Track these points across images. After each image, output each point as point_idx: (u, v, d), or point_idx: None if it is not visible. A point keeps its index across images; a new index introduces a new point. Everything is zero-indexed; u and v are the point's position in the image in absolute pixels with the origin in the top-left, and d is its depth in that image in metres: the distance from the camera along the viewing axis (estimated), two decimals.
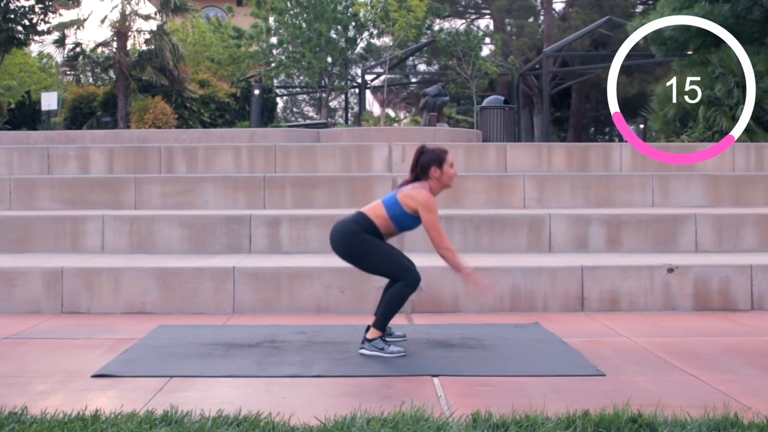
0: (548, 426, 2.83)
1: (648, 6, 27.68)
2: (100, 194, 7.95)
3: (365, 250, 4.23)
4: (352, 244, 4.24)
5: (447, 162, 4.32)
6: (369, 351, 4.18)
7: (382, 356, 4.12)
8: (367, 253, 4.24)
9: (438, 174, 4.29)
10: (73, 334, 4.81)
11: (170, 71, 20.09)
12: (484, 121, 16.56)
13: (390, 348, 4.17)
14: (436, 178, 4.30)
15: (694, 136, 12.61)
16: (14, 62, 28.01)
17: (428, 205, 4.19)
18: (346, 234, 4.25)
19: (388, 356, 4.11)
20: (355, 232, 4.23)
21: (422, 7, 20.15)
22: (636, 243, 6.72)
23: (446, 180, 4.33)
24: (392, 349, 4.17)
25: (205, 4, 31.47)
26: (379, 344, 4.18)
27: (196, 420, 2.93)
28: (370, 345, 4.20)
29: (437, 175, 4.29)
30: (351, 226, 4.26)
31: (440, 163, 4.29)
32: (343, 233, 4.27)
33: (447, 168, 4.31)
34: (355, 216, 4.33)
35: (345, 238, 4.25)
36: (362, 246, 4.23)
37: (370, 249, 4.23)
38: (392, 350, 4.16)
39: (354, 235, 4.23)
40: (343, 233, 4.27)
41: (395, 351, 4.16)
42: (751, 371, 3.85)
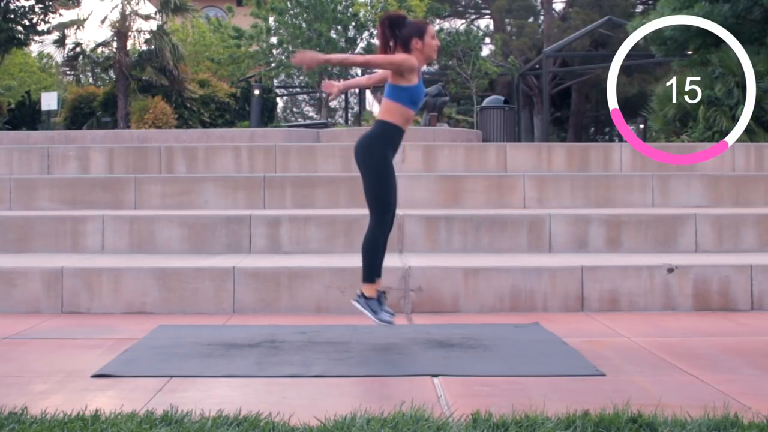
0: (548, 426, 2.83)
1: (648, 6, 27.70)
2: (100, 194, 7.95)
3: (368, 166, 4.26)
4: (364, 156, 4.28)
5: (428, 33, 4.26)
6: (362, 307, 4.25)
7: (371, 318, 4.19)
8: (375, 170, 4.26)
9: (420, 45, 4.23)
10: (73, 334, 4.81)
11: (170, 71, 20.11)
12: (484, 121, 16.57)
13: (382, 315, 4.23)
14: (419, 49, 4.23)
15: (694, 136, 12.61)
16: (14, 62, 28.03)
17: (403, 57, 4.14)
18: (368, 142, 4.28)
19: (376, 322, 4.16)
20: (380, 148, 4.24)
21: (422, 7, 20.17)
22: (636, 243, 6.72)
23: (429, 51, 4.27)
24: (383, 316, 4.23)
25: (205, 4, 31.48)
26: (373, 305, 4.23)
27: (196, 420, 2.93)
28: (365, 302, 4.25)
29: (419, 47, 4.23)
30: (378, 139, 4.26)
31: (421, 34, 4.23)
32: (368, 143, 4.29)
33: (429, 39, 4.25)
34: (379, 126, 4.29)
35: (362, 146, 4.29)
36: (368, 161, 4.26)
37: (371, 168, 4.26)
38: (383, 318, 4.22)
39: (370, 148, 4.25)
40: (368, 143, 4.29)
41: (386, 319, 4.22)
42: (751, 371, 3.85)
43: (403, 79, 4.20)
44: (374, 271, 4.32)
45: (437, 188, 8.05)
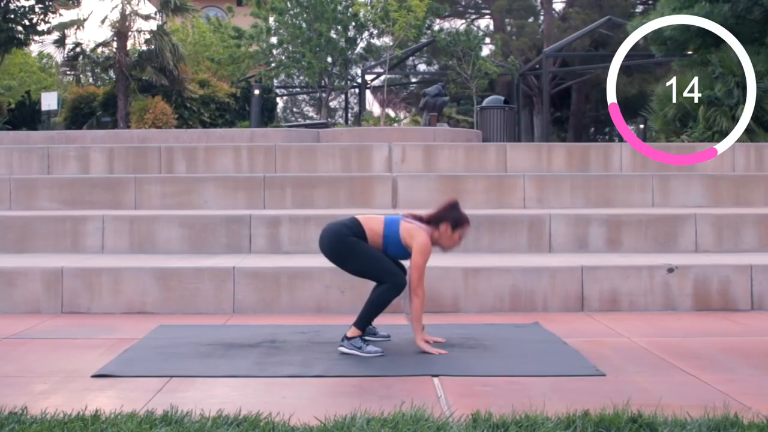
0: (548, 426, 2.83)
1: (648, 6, 27.70)
2: (100, 194, 7.95)
3: (352, 251, 4.26)
4: (339, 246, 4.27)
5: (461, 230, 4.34)
6: (347, 349, 4.21)
7: (359, 355, 4.14)
8: (353, 255, 4.27)
9: (447, 232, 4.31)
10: (73, 334, 4.81)
11: (170, 71, 20.10)
12: (484, 121, 16.56)
13: (368, 348, 4.20)
14: (442, 232, 4.31)
15: (694, 136, 12.61)
16: (14, 62, 28.03)
17: (423, 250, 4.22)
18: (335, 235, 4.29)
19: (365, 356, 4.13)
20: (344, 234, 4.27)
21: (422, 7, 20.15)
22: (636, 243, 6.72)
23: (446, 241, 4.34)
24: (370, 348, 4.19)
25: (205, 4, 31.48)
26: (357, 343, 4.21)
27: (196, 420, 2.93)
28: (349, 343, 4.22)
29: (444, 231, 4.31)
30: (341, 229, 4.30)
31: (455, 226, 4.32)
32: (331, 234, 4.31)
33: (455, 234, 4.33)
34: (348, 221, 4.36)
35: (332, 239, 4.29)
36: (349, 247, 4.26)
37: (357, 251, 4.26)
38: (370, 350, 4.18)
39: (343, 237, 4.27)
40: (331, 234, 4.31)
41: (373, 351, 4.17)
42: (751, 371, 3.85)
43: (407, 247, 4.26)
44: (369, 322, 4.33)
45: (437, 188, 8.05)
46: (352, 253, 4.27)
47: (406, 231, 4.28)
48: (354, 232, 4.28)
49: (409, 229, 4.28)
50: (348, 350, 4.20)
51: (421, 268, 4.22)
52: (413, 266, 4.22)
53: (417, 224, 4.33)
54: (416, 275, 4.20)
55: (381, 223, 4.33)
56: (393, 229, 4.30)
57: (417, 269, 4.20)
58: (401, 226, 4.30)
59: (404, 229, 4.29)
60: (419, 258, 4.21)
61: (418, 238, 4.24)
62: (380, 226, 4.32)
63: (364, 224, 4.31)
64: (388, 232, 4.30)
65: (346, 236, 4.26)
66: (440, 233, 4.32)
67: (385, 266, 4.27)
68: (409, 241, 4.25)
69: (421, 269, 4.22)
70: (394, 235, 4.29)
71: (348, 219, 4.39)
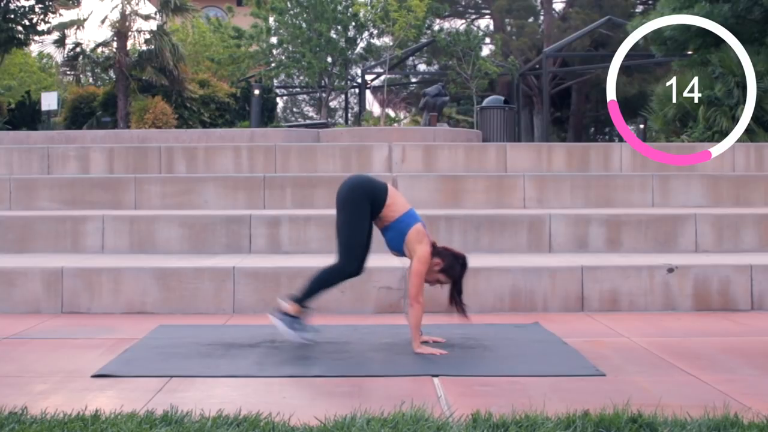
0: (548, 426, 2.83)
1: (648, 6, 27.70)
2: (100, 194, 7.95)
3: (353, 206, 4.24)
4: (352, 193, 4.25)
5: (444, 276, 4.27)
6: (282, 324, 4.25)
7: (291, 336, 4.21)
8: (350, 209, 4.24)
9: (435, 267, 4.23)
10: (73, 334, 4.81)
11: (170, 71, 20.10)
12: (484, 121, 16.56)
13: (305, 334, 4.24)
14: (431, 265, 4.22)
15: (694, 136, 12.61)
16: (14, 62, 28.04)
17: (424, 258, 4.19)
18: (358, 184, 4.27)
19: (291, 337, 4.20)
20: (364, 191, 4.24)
21: (422, 7, 20.15)
22: (636, 243, 6.72)
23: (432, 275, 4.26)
24: (306, 335, 4.24)
25: (205, 4, 31.48)
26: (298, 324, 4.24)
27: (196, 420, 2.93)
28: (289, 319, 4.24)
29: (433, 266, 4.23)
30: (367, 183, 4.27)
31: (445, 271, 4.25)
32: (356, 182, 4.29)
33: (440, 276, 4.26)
34: (380, 182, 4.33)
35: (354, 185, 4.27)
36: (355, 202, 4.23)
37: (355, 210, 4.23)
38: (306, 336, 4.24)
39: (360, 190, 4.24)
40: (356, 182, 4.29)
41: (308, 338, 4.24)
42: (751, 371, 3.85)
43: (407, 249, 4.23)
44: (310, 299, 4.32)
45: (437, 188, 8.05)
46: (351, 207, 4.24)
47: (417, 234, 4.22)
48: (378, 191, 4.24)
49: (420, 234, 4.23)
50: (280, 324, 4.21)
51: (422, 276, 4.17)
52: (414, 273, 4.18)
53: (425, 233, 4.29)
54: (417, 282, 4.16)
55: (404, 209, 4.28)
56: (409, 222, 4.24)
57: (418, 276, 4.16)
58: (415, 226, 4.24)
59: (417, 230, 4.23)
60: (421, 266, 4.17)
61: (425, 246, 4.20)
62: (401, 210, 4.26)
63: (390, 195, 4.28)
64: (402, 219, 4.24)
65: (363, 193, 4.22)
66: (433, 264, 4.24)
67: (353, 242, 4.23)
68: (413, 244, 4.20)
69: (422, 277, 4.18)
70: (404, 227, 4.23)
71: (380, 181, 4.35)
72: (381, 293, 5.58)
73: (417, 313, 4.20)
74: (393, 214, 4.25)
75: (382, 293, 5.57)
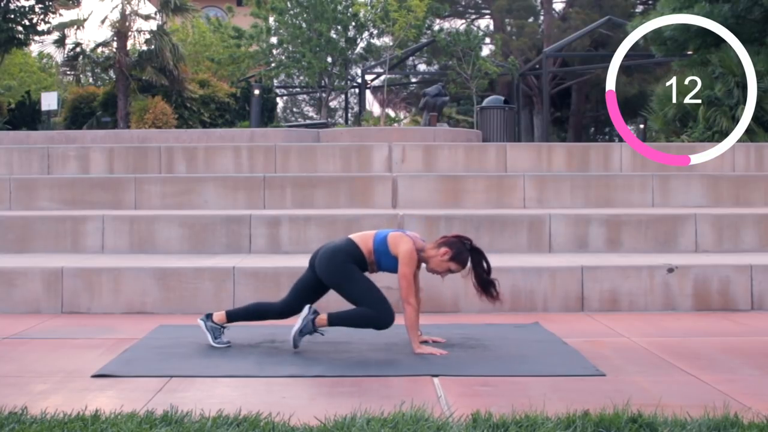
0: (548, 426, 2.83)
1: (648, 6, 27.69)
2: (100, 194, 7.95)
3: (349, 278, 4.27)
4: (337, 271, 4.27)
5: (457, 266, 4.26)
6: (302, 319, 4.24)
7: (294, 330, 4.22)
8: (350, 282, 4.27)
9: (443, 257, 4.24)
10: (73, 334, 4.81)
11: (170, 71, 20.10)
12: (484, 121, 16.56)
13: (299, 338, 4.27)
14: (439, 253, 4.25)
15: (694, 136, 12.61)
16: (14, 62, 28.02)
17: (406, 259, 4.20)
18: (334, 259, 4.29)
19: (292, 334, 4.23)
20: (342, 261, 4.27)
21: (422, 7, 20.15)
22: (636, 243, 6.72)
23: (436, 263, 4.28)
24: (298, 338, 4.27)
25: (205, 4, 31.46)
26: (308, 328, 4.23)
27: (196, 420, 2.93)
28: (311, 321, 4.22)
29: (440, 254, 4.25)
30: (339, 254, 4.29)
31: (455, 259, 4.25)
32: (330, 258, 4.31)
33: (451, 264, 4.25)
34: (344, 243, 4.35)
35: (331, 264, 4.29)
36: (347, 274, 4.27)
37: (355, 279, 4.27)
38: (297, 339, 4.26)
39: (341, 264, 4.27)
40: (330, 258, 4.31)
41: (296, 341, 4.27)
42: (751, 371, 3.85)
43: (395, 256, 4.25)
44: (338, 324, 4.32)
45: (437, 188, 8.05)
46: (349, 279, 4.27)
47: (393, 239, 4.28)
48: (352, 255, 4.28)
49: (395, 238, 4.28)
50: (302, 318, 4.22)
51: (408, 277, 4.20)
52: (400, 276, 4.22)
53: (401, 233, 4.33)
54: (404, 284, 4.19)
55: (372, 238, 4.33)
56: (382, 242, 4.29)
57: (404, 278, 4.20)
58: (389, 237, 4.30)
59: (391, 238, 4.29)
60: (405, 268, 4.20)
61: (402, 246, 4.23)
62: (371, 241, 4.32)
63: (360, 244, 4.32)
64: (377, 245, 4.29)
65: (345, 262, 4.27)
66: (436, 253, 4.26)
67: (380, 296, 4.26)
68: (395, 249, 4.25)
69: (409, 278, 4.20)
70: (383, 248, 4.28)
71: (344, 241, 4.37)
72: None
73: (410, 314, 4.21)
74: (370, 252, 4.30)
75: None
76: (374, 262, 4.33)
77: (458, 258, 4.26)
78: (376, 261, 4.32)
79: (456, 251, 4.26)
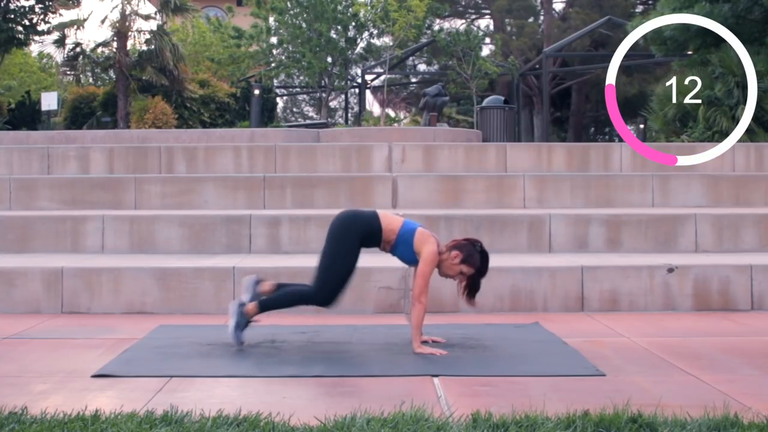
0: (548, 426, 2.83)
1: (648, 6, 27.70)
2: (100, 194, 7.95)
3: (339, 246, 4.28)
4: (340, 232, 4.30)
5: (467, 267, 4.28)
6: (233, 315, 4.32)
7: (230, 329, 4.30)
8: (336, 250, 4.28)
9: (454, 260, 4.26)
10: (73, 334, 4.81)
11: (170, 71, 20.11)
12: (484, 121, 16.57)
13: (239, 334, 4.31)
14: (450, 257, 4.27)
15: (694, 136, 12.61)
16: (14, 62, 28.03)
17: (429, 259, 4.23)
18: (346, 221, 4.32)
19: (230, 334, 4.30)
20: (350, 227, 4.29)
21: (422, 7, 20.16)
22: (636, 243, 6.72)
23: (447, 268, 4.30)
24: (239, 335, 4.31)
25: (205, 4, 31.47)
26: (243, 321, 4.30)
27: (196, 420, 2.93)
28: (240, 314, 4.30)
29: (451, 258, 4.27)
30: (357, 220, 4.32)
31: (466, 261, 4.27)
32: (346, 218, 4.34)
33: (463, 267, 4.27)
34: (368, 212, 4.40)
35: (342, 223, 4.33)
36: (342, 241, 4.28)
37: (342, 249, 4.27)
38: (238, 336, 4.31)
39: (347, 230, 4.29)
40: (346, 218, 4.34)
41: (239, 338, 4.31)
42: (751, 371, 3.85)
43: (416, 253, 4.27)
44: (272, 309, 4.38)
45: (437, 188, 8.05)
46: (340, 241, 4.28)
47: (421, 236, 4.29)
48: (369, 225, 4.29)
49: (423, 235, 4.29)
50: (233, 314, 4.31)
51: (427, 276, 4.22)
52: (419, 274, 4.23)
53: (429, 233, 4.34)
54: (421, 283, 4.21)
55: (400, 222, 4.36)
56: (409, 233, 4.30)
57: (422, 277, 4.21)
58: (418, 231, 4.31)
59: (419, 234, 4.29)
60: (426, 267, 4.22)
61: (429, 246, 4.25)
62: (398, 225, 4.34)
63: (383, 221, 4.34)
64: (404, 231, 4.30)
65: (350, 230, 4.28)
66: (447, 257, 4.28)
67: (333, 275, 4.25)
68: (420, 246, 4.26)
69: (427, 278, 4.22)
70: (408, 237, 4.29)
71: (369, 211, 4.42)
72: (381, 293, 5.58)
73: (419, 313, 4.21)
74: (393, 233, 4.32)
75: (382, 293, 5.58)
76: (392, 243, 4.32)
77: (469, 260, 4.28)
78: (394, 244, 4.31)
79: (466, 254, 4.27)
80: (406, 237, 4.29)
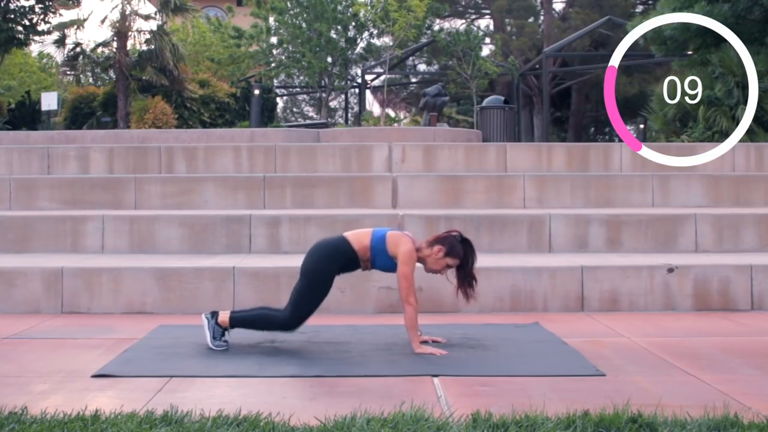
0: (548, 426, 2.83)
1: (648, 6, 27.69)
2: (100, 194, 7.95)
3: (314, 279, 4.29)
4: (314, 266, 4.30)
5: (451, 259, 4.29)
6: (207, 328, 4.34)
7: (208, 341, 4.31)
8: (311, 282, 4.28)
9: (437, 254, 4.28)
10: (73, 334, 4.81)
11: (170, 71, 20.11)
12: (484, 121, 16.56)
13: (218, 341, 4.31)
14: (433, 252, 4.28)
15: (694, 136, 12.61)
16: (14, 62, 28.02)
17: (406, 259, 4.21)
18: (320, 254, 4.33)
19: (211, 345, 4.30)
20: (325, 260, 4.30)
21: (422, 7, 20.14)
22: (636, 243, 6.72)
23: (432, 263, 4.31)
24: (219, 343, 4.32)
25: (205, 4, 31.48)
26: (218, 331, 4.33)
27: (196, 420, 2.94)
28: (214, 325, 4.33)
29: (435, 253, 4.28)
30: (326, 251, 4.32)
31: (450, 254, 4.28)
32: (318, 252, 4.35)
33: (448, 260, 4.29)
34: (336, 240, 4.37)
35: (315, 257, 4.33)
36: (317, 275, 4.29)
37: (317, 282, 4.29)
38: (218, 343, 4.31)
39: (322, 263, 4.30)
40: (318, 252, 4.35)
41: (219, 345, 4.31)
42: (751, 371, 3.85)
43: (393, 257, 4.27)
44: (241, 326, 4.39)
45: (437, 188, 8.05)
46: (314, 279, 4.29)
47: (393, 238, 4.28)
48: (343, 253, 4.29)
49: (394, 238, 4.29)
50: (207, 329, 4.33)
51: (409, 277, 4.20)
52: (400, 276, 4.22)
53: (401, 234, 4.34)
54: (405, 284, 4.20)
55: (369, 235, 4.34)
56: (380, 240, 4.29)
57: (404, 278, 4.20)
58: (388, 236, 4.30)
59: (390, 237, 4.29)
60: (405, 267, 4.21)
61: (402, 246, 4.24)
62: (368, 238, 4.32)
63: (354, 242, 4.32)
64: (375, 243, 4.30)
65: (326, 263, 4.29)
66: (431, 252, 4.29)
67: (304, 305, 4.28)
68: (394, 249, 4.25)
69: (409, 278, 4.20)
70: (381, 247, 4.28)
71: (337, 239, 4.39)
72: (381, 293, 5.58)
73: (410, 314, 4.21)
74: (366, 250, 4.31)
75: (382, 293, 5.58)
76: (369, 259, 4.33)
77: (453, 252, 4.29)
78: (371, 259, 4.32)
79: (449, 246, 4.28)
80: (379, 247, 4.28)
